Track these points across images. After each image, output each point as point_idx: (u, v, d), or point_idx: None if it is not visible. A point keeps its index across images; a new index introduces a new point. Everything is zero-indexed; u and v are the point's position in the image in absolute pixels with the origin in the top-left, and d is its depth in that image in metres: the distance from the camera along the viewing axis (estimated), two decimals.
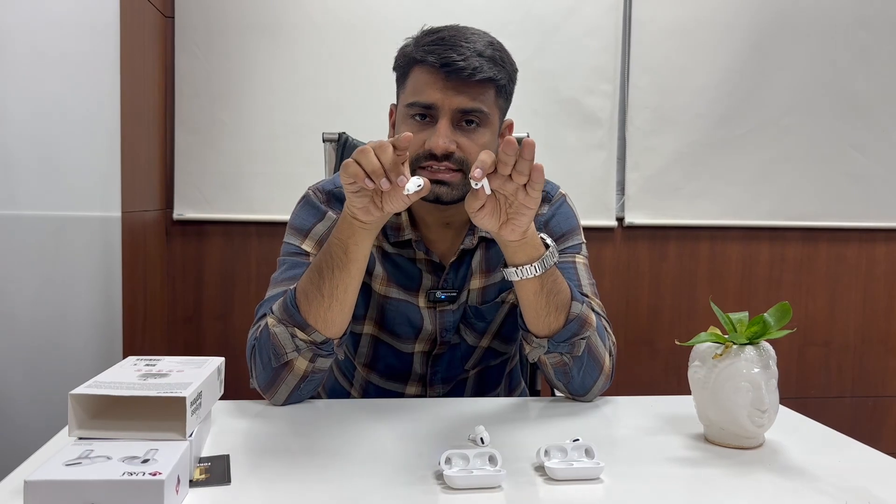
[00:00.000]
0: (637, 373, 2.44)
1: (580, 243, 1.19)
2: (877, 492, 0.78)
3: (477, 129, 1.03)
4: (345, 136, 1.63)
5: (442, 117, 1.01)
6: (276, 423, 1.01)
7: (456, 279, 1.16)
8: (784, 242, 2.46)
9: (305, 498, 0.75)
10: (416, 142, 1.01)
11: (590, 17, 2.30)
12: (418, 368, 1.20)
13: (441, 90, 1.00)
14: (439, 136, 1.00)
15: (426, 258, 1.14)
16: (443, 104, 1.00)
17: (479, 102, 1.02)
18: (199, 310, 2.28)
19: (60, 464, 0.66)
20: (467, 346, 1.20)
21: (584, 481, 0.79)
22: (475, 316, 1.18)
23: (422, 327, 1.16)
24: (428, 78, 1.01)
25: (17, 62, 1.22)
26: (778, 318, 0.91)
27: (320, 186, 1.17)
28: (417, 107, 1.02)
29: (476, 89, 1.01)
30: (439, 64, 0.99)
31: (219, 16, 2.19)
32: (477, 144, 1.02)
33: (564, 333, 1.03)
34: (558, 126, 2.31)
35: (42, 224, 1.32)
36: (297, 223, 1.13)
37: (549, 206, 1.19)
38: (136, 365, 0.85)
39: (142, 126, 1.99)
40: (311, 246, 1.11)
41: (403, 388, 1.22)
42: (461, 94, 1.00)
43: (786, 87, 2.39)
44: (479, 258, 1.15)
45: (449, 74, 1.00)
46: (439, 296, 1.13)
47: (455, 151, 1.01)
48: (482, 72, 1.00)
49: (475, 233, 1.13)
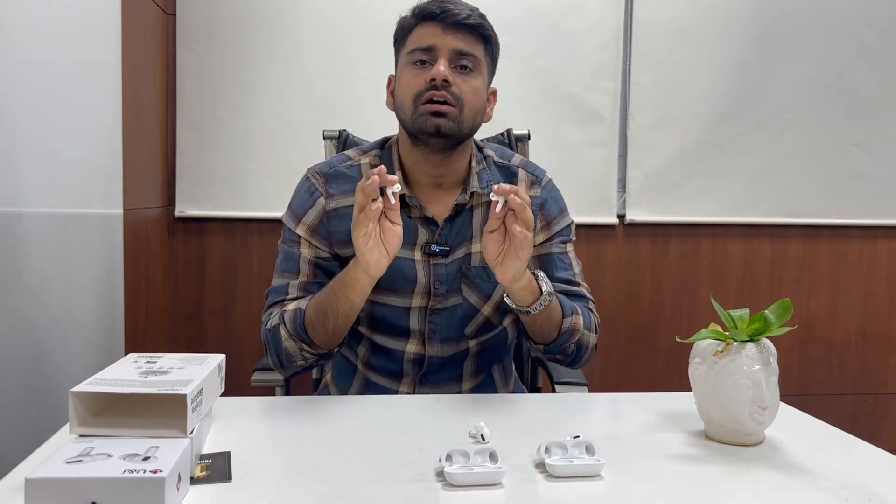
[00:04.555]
0: (638, 369, 2.44)
1: (570, 224, 1.31)
2: (877, 489, 0.79)
3: (470, 74, 1.16)
4: (345, 134, 1.63)
5: (441, 57, 1.14)
6: (277, 420, 1.01)
7: (450, 235, 1.23)
8: (785, 239, 2.46)
9: (306, 494, 0.75)
10: (418, 81, 1.14)
11: (591, 13, 2.29)
12: (416, 325, 1.24)
13: (440, 35, 1.14)
14: (439, 66, 1.13)
15: (421, 215, 1.21)
16: (442, 45, 1.14)
17: (472, 48, 1.16)
18: (201, 307, 2.28)
19: (61, 461, 0.66)
20: (469, 305, 1.24)
21: (585, 478, 0.79)
22: (478, 276, 1.23)
23: (416, 280, 1.22)
24: (427, 28, 1.16)
25: (19, 60, 1.22)
26: (779, 316, 0.91)
27: (318, 168, 1.26)
28: (418, 51, 1.15)
29: (470, 37, 1.16)
30: (438, 11, 1.14)
31: (220, 13, 2.19)
32: (470, 86, 1.16)
33: (557, 343, 1.19)
34: (559, 123, 2.31)
35: (44, 221, 1.32)
36: (294, 206, 1.25)
37: (540, 188, 1.29)
38: (136, 362, 0.86)
39: (143, 123, 1.99)
40: (303, 230, 1.22)
41: (404, 345, 1.25)
42: (457, 39, 1.15)
43: (787, 85, 2.38)
44: (479, 220, 1.23)
45: (445, 19, 1.14)
46: (434, 248, 1.21)
47: (452, 85, 1.13)
48: (475, 18, 1.16)
49: (468, 189, 1.23)
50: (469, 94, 1.15)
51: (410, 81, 1.15)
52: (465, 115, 1.15)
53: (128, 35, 1.76)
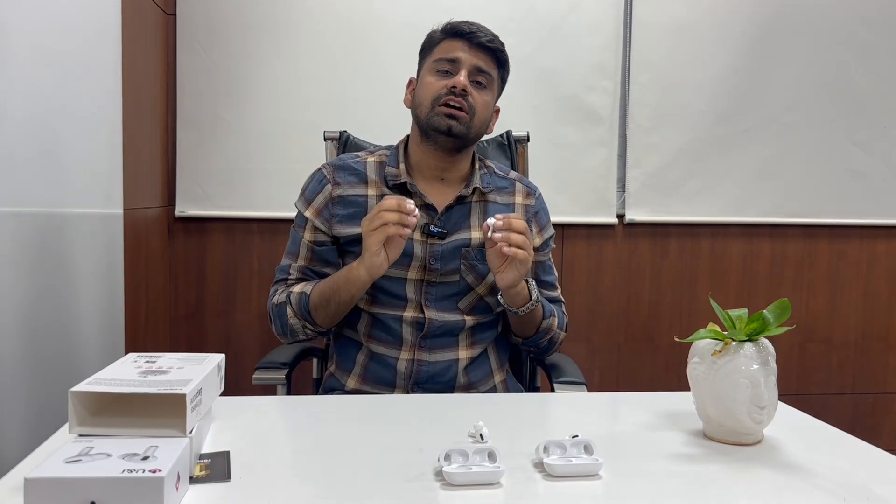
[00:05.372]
0: (637, 369, 2.44)
1: (553, 234, 1.49)
2: (876, 489, 0.79)
3: (484, 89, 1.33)
4: (346, 135, 1.64)
5: (462, 69, 1.30)
6: (277, 420, 1.01)
7: (448, 222, 1.34)
8: (785, 239, 2.46)
9: (305, 494, 0.75)
10: (439, 86, 1.30)
11: (591, 13, 2.30)
12: (413, 295, 1.33)
13: (465, 50, 1.31)
14: (461, 76, 1.29)
15: (422, 202, 1.33)
16: (465, 59, 1.30)
17: (490, 68, 1.33)
18: (201, 306, 2.28)
19: (61, 461, 0.67)
20: (465, 284, 1.35)
21: (584, 477, 0.79)
22: (477, 258, 1.34)
23: (413, 255, 1.32)
24: (454, 44, 1.32)
25: (19, 60, 1.22)
26: (777, 315, 0.91)
27: (329, 161, 1.44)
28: (444, 61, 1.31)
29: (489, 58, 1.32)
30: (467, 31, 1.31)
31: (220, 13, 2.19)
32: (482, 99, 1.32)
33: (534, 339, 1.38)
34: (559, 123, 2.31)
35: (44, 221, 1.32)
36: (307, 190, 1.39)
37: (534, 199, 1.46)
38: (136, 362, 0.86)
39: (144, 123, 1.99)
40: (311, 213, 1.36)
41: (402, 311, 1.33)
42: (479, 58, 1.31)
43: (787, 84, 2.38)
44: (477, 213, 1.36)
45: (472, 40, 1.31)
46: (432, 229, 1.32)
47: (469, 94, 1.29)
48: (497, 43, 1.33)
49: (471, 184, 1.36)
50: (480, 106, 1.31)
51: (433, 84, 1.31)
52: (474, 122, 1.31)
53: (128, 35, 1.76)
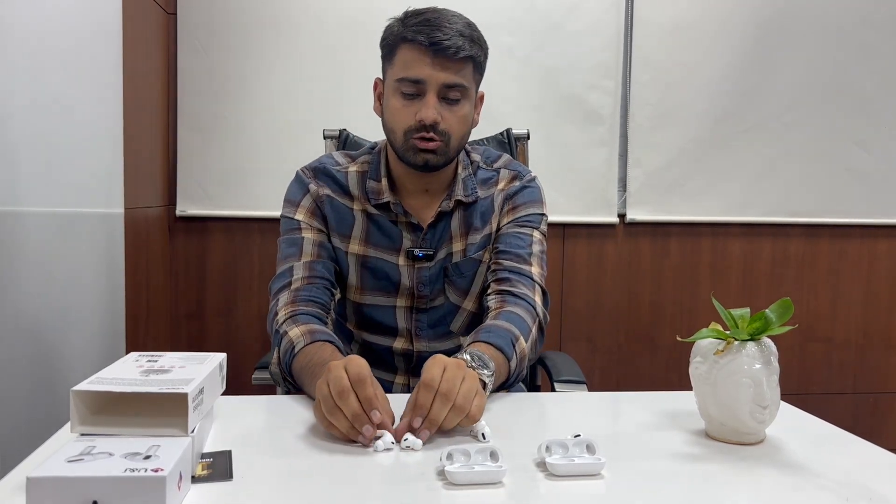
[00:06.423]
0: (639, 369, 2.44)
1: (541, 216, 1.32)
2: (878, 488, 0.78)
3: (457, 104, 1.19)
4: (345, 133, 1.64)
5: (429, 91, 1.15)
6: (278, 419, 1.01)
7: (433, 239, 1.27)
8: (786, 239, 2.46)
9: (307, 493, 0.75)
10: (407, 115, 1.17)
11: (591, 13, 2.29)
12: (403, 323, 1.28)
13: (429, 66, 1.14)
14: (428, 109, 1.15)
15: (406, 220, 1.26)
16: (430, 79, 1.15)
17: (460, 77, 1.17)
18: (202, 306, 2.28)
19: (63, 460, 0.66)
20: (451, 304, 1.29)
21: (586, 477, 0.79)
22: (455, 273, 1.28)
23: (400, 282, 1.26)
24: (416, 55, 1.15)
25: (20, 59, 1.22)
26: (779, 315, 0.91)
27: (307, 165, 1.33)
28: (407, 82, 1.16)
29: (458, 65, 1.16)
30: (427, 42, 1.13)
31: (221, 12, 2.19)
32: (457, 117, 1.19)
33: (512, 379, 1.15)
34: (560, 122, 2.31)
35: (45, 221, 1.32)
36: (290, 196, 1.30)
37: (519, 182, 1.32)
38: (137, 361, 0.86)
39: (144, 123, 1.99)
40: (301, 215, 1.27)
41: (392, 341, 1.29)
42: (446, 71, 1.15)
43: (788, 84, 2.38)
44: (457, 221, 1.28)
45: (436, 53, 1.14)
46: (417, 253, 1.25)
47: (440, 123, 1.16)
48: (464, 50, 1.15)
49: (451, 197, 1.26)
50: (456, 126, 1.19)
51: (400, 112, 1.18)
52: (451, 146, 1.20)
53: (128, 34, 1.76)
